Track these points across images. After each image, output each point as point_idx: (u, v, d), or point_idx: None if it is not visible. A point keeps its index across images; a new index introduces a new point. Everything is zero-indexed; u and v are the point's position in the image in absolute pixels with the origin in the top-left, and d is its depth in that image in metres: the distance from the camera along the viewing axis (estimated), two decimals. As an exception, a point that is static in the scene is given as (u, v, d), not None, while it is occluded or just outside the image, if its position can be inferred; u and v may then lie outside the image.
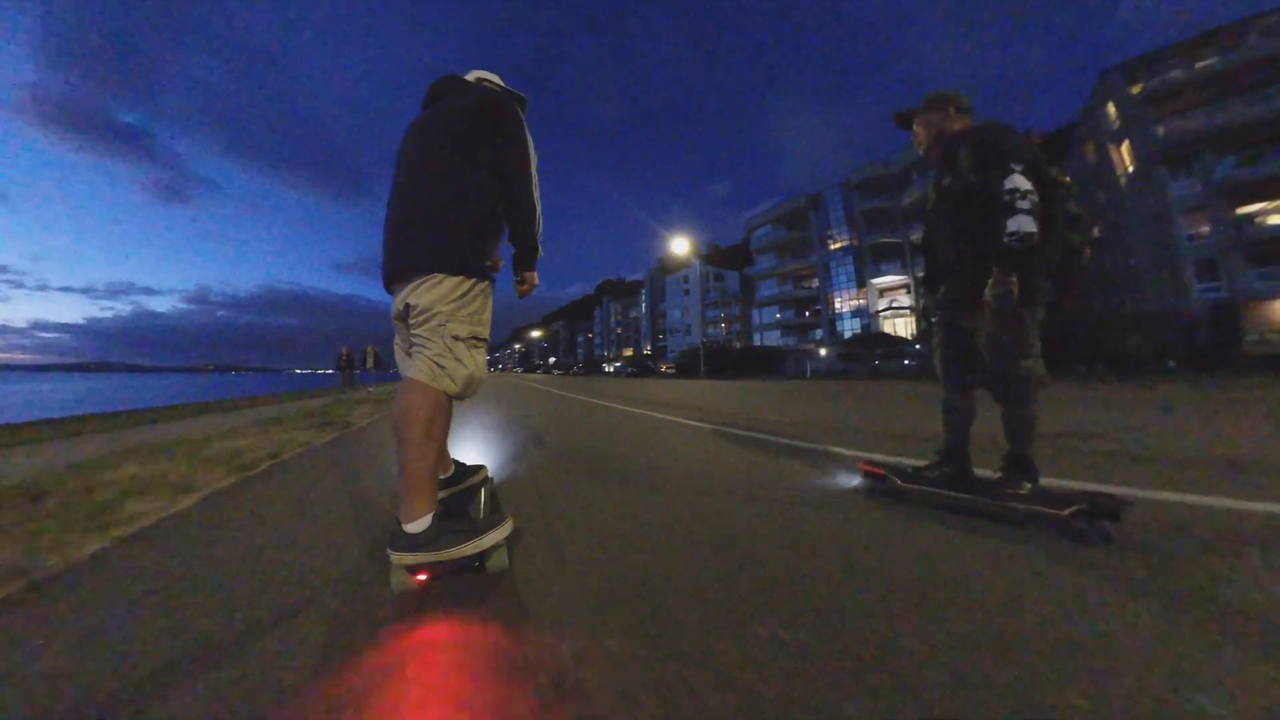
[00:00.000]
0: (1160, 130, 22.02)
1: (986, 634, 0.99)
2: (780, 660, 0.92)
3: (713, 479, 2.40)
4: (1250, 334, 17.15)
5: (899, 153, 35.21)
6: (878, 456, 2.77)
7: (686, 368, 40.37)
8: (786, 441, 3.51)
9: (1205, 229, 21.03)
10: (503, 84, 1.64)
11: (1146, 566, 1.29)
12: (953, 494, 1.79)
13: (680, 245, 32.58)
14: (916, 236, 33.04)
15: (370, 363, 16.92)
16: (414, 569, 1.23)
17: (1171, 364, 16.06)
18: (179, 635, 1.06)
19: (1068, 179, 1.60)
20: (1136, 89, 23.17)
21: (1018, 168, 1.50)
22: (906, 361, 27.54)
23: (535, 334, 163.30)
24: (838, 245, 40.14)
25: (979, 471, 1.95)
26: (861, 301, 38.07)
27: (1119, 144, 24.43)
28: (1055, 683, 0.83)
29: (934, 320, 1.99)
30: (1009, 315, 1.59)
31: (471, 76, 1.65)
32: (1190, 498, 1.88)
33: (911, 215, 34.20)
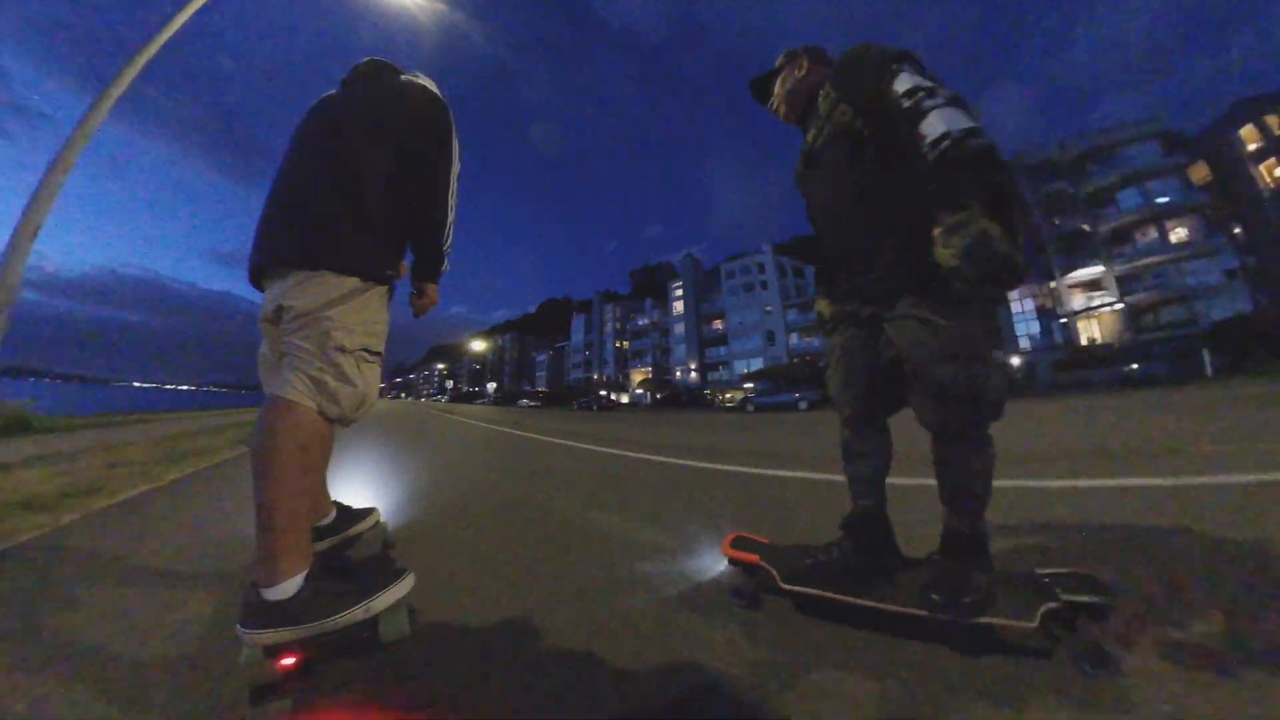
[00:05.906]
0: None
1: None
2: None
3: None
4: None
5: (1072, 139, 30.25)
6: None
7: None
8: None
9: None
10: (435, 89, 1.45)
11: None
12: (855, 599, 1.08)
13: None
14: (1107, 227, 28.02)
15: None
16: (278, 650, 0.90)
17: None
18: None
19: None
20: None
21: (902, 66, 1.02)
22: (1132, 366, 19.34)
23: (478, 346, 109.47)
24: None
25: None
26: (1041, 300, 30.39)
27: (1258, 163, 27.98)
28: None
29: (831, 326, 1.33)
30: (987, 278, 0.86)
31: (404, 76, 1.45)
32: None
33: (1095, 201, 28.89)
